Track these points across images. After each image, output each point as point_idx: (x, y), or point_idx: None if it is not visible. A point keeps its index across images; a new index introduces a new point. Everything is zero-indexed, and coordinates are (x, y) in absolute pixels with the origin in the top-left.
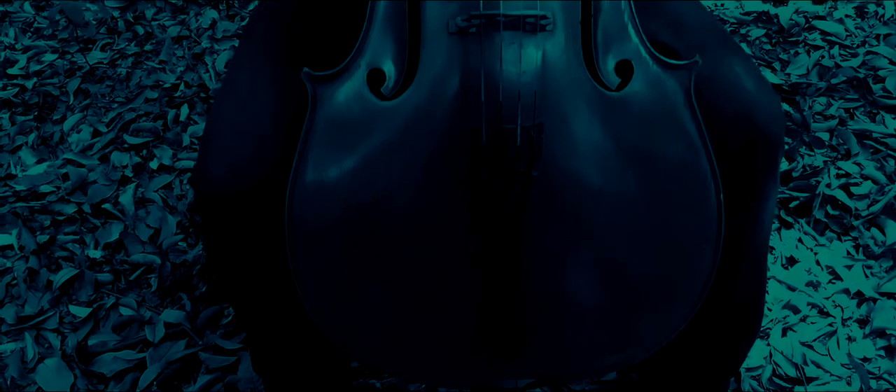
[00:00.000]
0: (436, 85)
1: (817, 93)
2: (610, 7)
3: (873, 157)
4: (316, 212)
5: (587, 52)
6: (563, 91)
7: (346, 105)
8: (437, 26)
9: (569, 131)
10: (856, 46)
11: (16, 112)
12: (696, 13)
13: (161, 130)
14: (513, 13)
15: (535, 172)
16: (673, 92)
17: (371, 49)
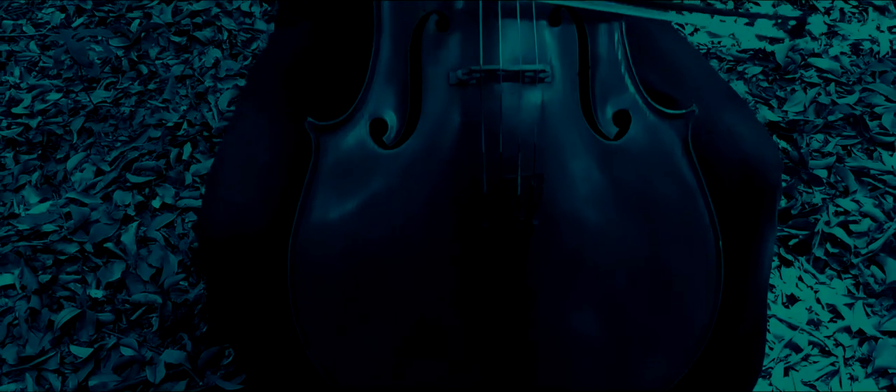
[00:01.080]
0: (437, 135)
1: (814, 130)
2: (607, 59)
3: (871, 194)
4: (318, 258)
5: (585, 103)
6: (562, 141)
7: (348, 154)
8: (438, 78)
9: (568, 180)
10: (852, 83)
11: (20, 151)
12: (691, 61)
13: (163, 169)
14: (512, 68)
15: (536, 222)
16: (670, 140)
17: (373, 99)
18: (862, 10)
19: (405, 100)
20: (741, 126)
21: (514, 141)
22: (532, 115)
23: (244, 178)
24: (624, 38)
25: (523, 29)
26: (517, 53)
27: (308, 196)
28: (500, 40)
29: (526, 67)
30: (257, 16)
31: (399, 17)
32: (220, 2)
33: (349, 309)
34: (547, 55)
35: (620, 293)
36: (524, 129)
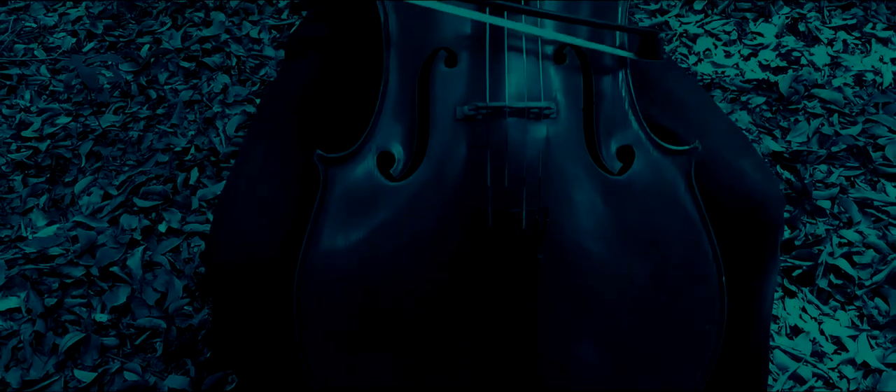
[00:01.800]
0: (443, 168)
1: (818, 160)
2: (611, 96)
3: (875, 225)
4: (323, 288)
5: (590, 138)
6: (566, 176)
7: (356, 186)
8: (445, 113)
9: (573, 214)
10: (855, 114)
11: (28, 174)
12: (695, 97)
13: (170, 193)
14: (518, 105)
15: (541, 256)
16: (673, 176)
17: (381, 132)
18: (864, 41)
19: (412, 133)
20: (744, 162)
21: (519, 175)
22: (537, 150)
23: (252, 207)
24: (628, 76)
25: (529, 66)
26: (523, 90)
27: (315, 227)
28: (506, 78)
29: (531, 105)
30: (266, 42)
31: (408, 52)
32: (230, 28)
33: (353, 339)
34: (552, 92)
35: (625, 325)
36: (529, 163)
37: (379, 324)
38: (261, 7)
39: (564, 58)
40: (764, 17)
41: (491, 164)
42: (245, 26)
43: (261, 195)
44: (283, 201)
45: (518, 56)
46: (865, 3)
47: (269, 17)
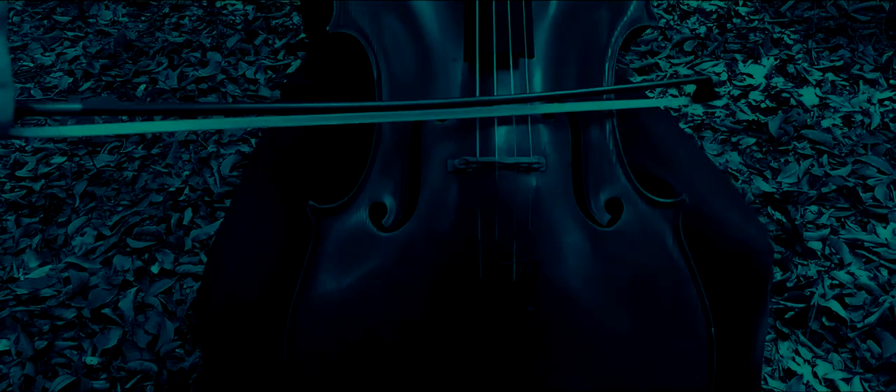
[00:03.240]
0: (434, 220)
1: (808, 201)
2: (599, 149)
3: (866, 266)
4: (314, 337)
5: (579, 191)
6: (556, 228)
7: (348, 237)
8: (436, 166)
9: (563, 267)
10: (844, 155)
11: (22, 214)
12: (683, 148)
13: (164, 234)
14: (507, 161)
15: (531, 308)
16: (661, 228)
17: (373, 184)
18: (852, 82)
19: (404, 185)
20: (732, 212)
21: (510, 228)
22: (527, 203)
23: (243, 256)
24: (615, 129)
25: (518, 123)
26: (512, 146)
27: (307, 277)
28: (495, 134)
29: (521, 160)
30: (262, 83)
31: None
32: (226, 68)
33: (344, 387)
34: (541, 146)
35: (615, 375)
36: (519, 217)
37: (369, 372)
38: (257, 48)
39: (552, 114)
40: (753, 58)
41: (481, 218)
42: (241, 67)
43: (253, 244)
44: (275, 251)
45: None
46: (852, 45)
47: (265, 58)
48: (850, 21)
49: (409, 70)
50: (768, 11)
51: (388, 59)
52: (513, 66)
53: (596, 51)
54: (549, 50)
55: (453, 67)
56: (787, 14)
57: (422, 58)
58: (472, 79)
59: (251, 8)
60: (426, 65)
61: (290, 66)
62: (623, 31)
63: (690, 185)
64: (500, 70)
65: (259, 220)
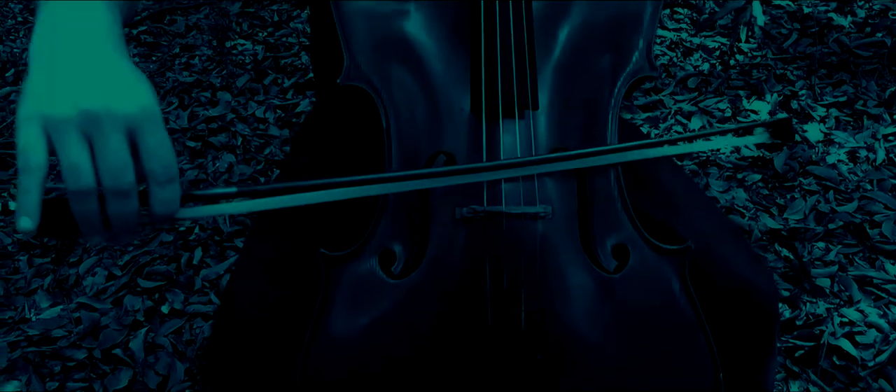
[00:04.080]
0: (442, 268)
1: (815, 238)
2: (605, 197)
3: (876, 304)
4: (325, 382)
5: (585, 238)
6: (563, 275)
7: (357, 284)
8: (444, 214)
9: (571, 314)
10: (850, 191)
11: (34, 254)
12: (688, 194)
13: (174, 274)
14: (515, 211)
15: (540, 356)
16: (668, 274)
17: (382, 231)
18: (856, 118)
19: (413, 232)
20: (738, 257)
21: (518, 276)
22: (534, 250)
23: (256, 301)
24: (620, 177)
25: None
26: (519, 195)
27: (318, 322)
28: (502, 184)
29: (528, 210)
30: (271, 122)
31: (408, 155)
32: (235, 107)
33: None
34: (547, 195)
35: None
36: (527, 264)
37: None
38: (266, 87)
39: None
40: (757, 94)
41: (489, 266)
42: (251, 106)
43: (263, 291)
44: (285, 298)
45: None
46: (855, 81)
47: (275, 97)
48: (852, 57)
49: (417, 119)
50: (771, 48)
51: (397, 110)
52: (518, 116)
53: (600, 100)
54: (554, 100)
55: (460, 115)
56: (790, 50)
57: (430, 108)
58: (479, 128)
59: (260, 48)
60: (434, 114)
61: (298, 105)
62: (625, 82)
63: (696, 229)
64: (505, 119)
65: (271, 266)
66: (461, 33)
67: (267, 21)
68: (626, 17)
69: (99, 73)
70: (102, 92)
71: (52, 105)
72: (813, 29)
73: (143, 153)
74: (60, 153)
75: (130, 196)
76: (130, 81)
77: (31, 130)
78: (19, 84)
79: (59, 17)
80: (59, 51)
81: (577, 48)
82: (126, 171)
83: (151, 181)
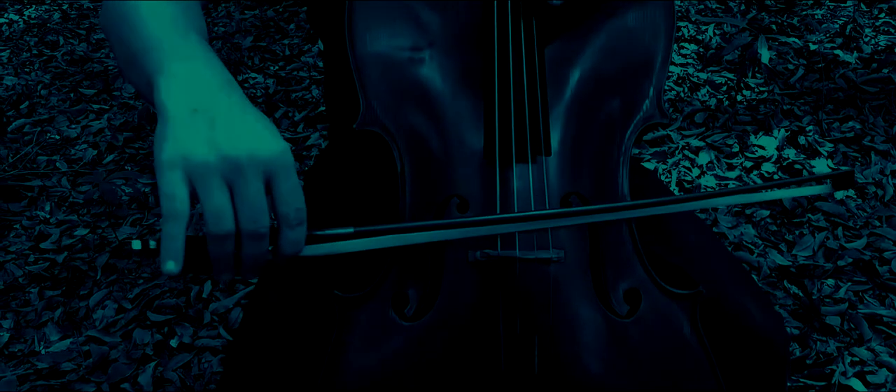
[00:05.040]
0: (455, 311)
1: (825, 275)
2: (616, 242)
3: (886, 342)
4: None
5: (597, 282)
6: (576, 320)
7: (370, 326)
8: (458, 257)
9: (583, 357)
10: (859, 227)
11: (45, 286)
12: (700, 237)
13: (183, 307)
14: (528, 256)
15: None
16: (679, 319)
17: (396, 274)
18: (864, 154)
19: (426, 275)
20: (748, 301)
21: (531, 320)
22: (547, 295)
23: (266, 343)
24: (632, 221)
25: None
26: (532, 240)
27: (331, 364)
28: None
29: (541, 255)
30: None
31: (423, 196)
32: None
33: None
34: (560, 240)
35: None
36: (540, 308)
37: None
38: (277, 120)
39: (570, 205)
40: (764, 130)
41: (503, 310)
42: None
43: (276, 330)
44: (297, 337)
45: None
46: (862, 116)
47: (285, 131)
48: (858, 92)
49: (432, 163)
50: (777, 83)
51: (412, 154)
52: (531, 161)
53: (611, 146)
54: (566, 146)
55: (473, 160)
56: (797, 86)
57: (444, 152)
58: (493, 172)
59: (272, 81)
60: (448, 159)
61: (309, 138)
62: (636, 128)
63: (706, 272)
64: (519, 163)
65: (284, 305)
66: (475, 79)
67: (278, 55)
68: (636, 65)
69: (239, 121)
70: (244, 139)
71: (196, 152)
72: (819, 64)
73: (277, 197)
74: (204, 198)
75: (265, 238)
76: (266, 128)
77: (174, 177)
78: (33, 116)
79: (189, 69)
80: (197, 100)
81: (588, 95)
82: (264, 216)
83: (283, 224)
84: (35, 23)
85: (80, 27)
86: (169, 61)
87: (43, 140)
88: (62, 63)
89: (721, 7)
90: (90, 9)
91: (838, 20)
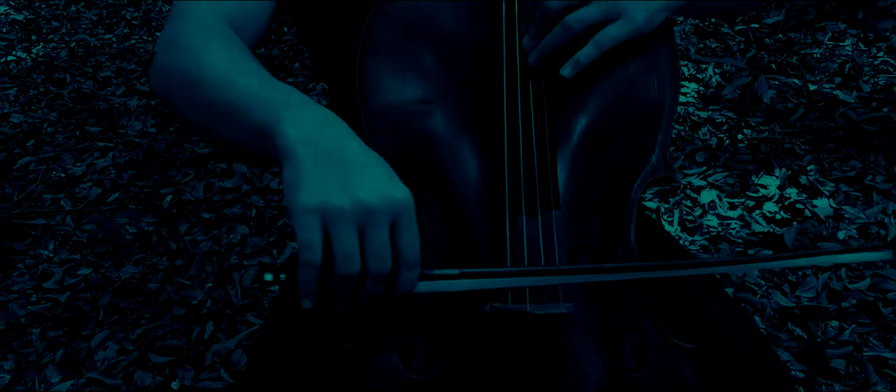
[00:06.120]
0: (465, 364)
1: (829, 316)
2: (625, 296)
3: (892, 386)
4: None
5: (607, 336)
6: (585, 374)
7: (379, 378)
8: (467, 310)
9: None
10: (863, 268)
11: (47, 327)
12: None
13: (185, 348)
14: (538, 312)
15: None
16: (687, 372)
17: (403, 327)
18: (866, 193)
19: (434, 327)
20: (755, 355)
21: (540, 374)
22: (556, 349)
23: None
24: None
25: None
26: (543, 296)
27: None
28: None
29: (552, 310)
30: None
31: (430, 246)
32: (250, 178)
33: None
34: (570, 295)
35: None
36: (549, 362)
37: None
38: None
39: (578, 259)
40: (765, 169)
41: (512, 364)
42: (265, 177)
43: (280, 379)
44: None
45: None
46: (863, 155)
47: None
48: (859, 132)
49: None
50: (778, 122)
51: (420, 204)
52: (540, 213)
53: (619, 199)
54: (574, 200)
55: (481, 211)
56: (797, 124)
57: (452, 203)
58: (502, 224)
59: None
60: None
61: None
62: (643, 181)
63: (715, 326)
64: (528, 216)
65: (289, 353)
66: (484, 134)
67: None
68: (643, 119)
69: (369, 167)
70: (376, 185)
71: (334, 198)
72: (819, 103)
73: (400, 240)
74: (336, 242)
75: (385, 278)
76: (392, 175)
77: (312, 223)
78: (39, 154)
79: (309, 115)
80: (325, 145)
81: (595, 149)
82: (389, 259)
83: (401, 265)
84: (43, 60)
85: (87, 65)
86: (285, 109)
87: (48, 178)
88: (68, 100)
89: (720, 46)
90: (97, 46)
91: (837, 59)
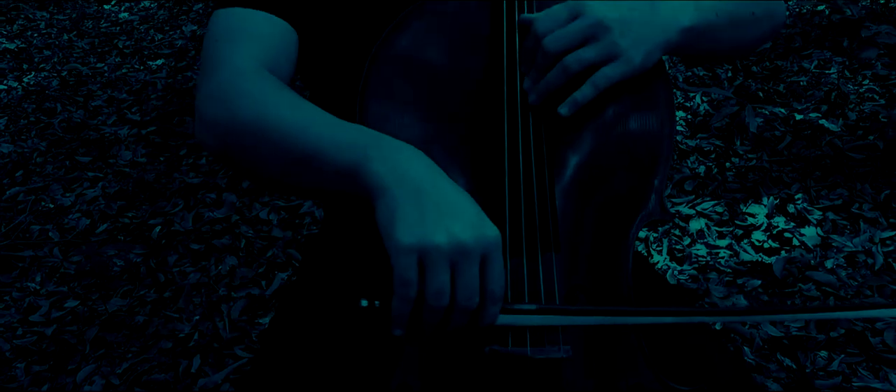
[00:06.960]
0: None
1: (818, 346)
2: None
3: None
4: None
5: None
6: None
7: None
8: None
9: None
10: (850, 297)
11: (32, 361)
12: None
13: (172, 383)
14: (538, 357)
15: None
16: None
17: (403, 368)
18: (853, 222)
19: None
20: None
21: None
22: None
23: None
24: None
25: None
26: (542, 340)
27: None
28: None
29: (551, 354)
30: (274, 223)
31: None
32: (240, 208)
33: None
34: (569, 339)
35: None
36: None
37: None
38: None
39: (576, 300)
40: (753, 197)
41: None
42: (255, 207)
43: None
44: None
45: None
46: (850, 184)
47: (279, 199)
48: (845, 159)
49: None
50: (765, 150)
51: None
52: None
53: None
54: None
55: None
56: (784, 152)
57: None
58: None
59: None
60: None
61: (302, 206)
62: (641, 223)
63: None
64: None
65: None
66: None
67: None
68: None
69: (462, 206)
70: (469, 224)
71: (431, 236)
72: (806, 131)
73: (488, 276)
74: (430, 278)
75: (471, 312)
76: (480, 212)
77: (411, 261)
78: (28, 184)
79: (398, 153)
80: (418, 183)
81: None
82: (477, 294)
83: (488, 300)
84: (34, 89)
85: (78, 94)
86: (372, 150)
87: (37, 209)
88: (59, 130)
89: (708, 74)
90: (88, 75)
91: (823, 87)
